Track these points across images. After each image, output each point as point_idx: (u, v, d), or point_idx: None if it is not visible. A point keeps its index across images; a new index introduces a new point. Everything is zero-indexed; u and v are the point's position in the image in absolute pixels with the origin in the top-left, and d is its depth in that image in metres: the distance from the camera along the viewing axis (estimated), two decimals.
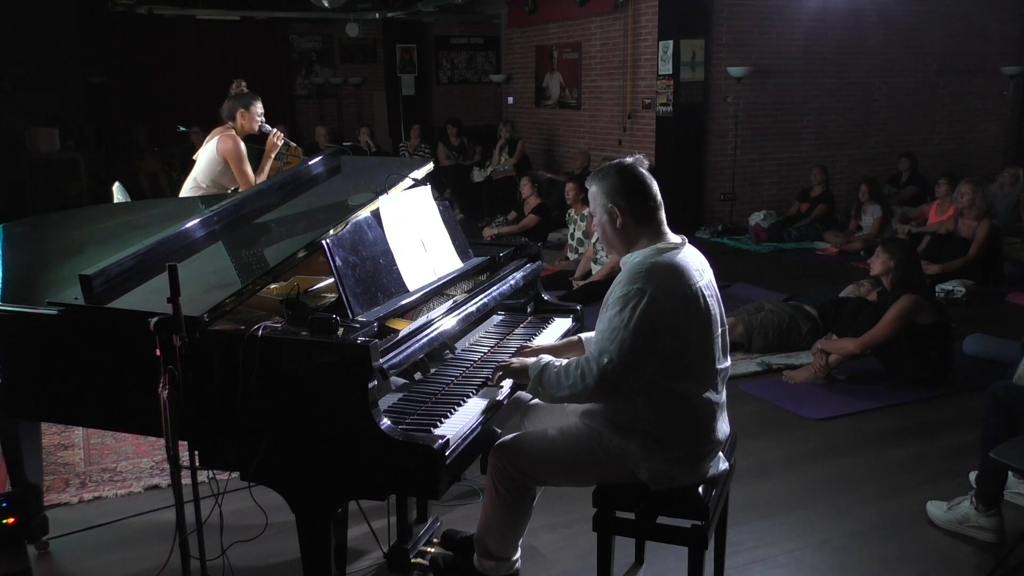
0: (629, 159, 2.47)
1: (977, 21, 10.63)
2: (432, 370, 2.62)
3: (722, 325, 2.44)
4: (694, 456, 2.41)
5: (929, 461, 3.86)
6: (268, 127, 4.72)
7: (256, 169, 4.71)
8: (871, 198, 8.65)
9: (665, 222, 2.44)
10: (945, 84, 10.72)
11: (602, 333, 2.32)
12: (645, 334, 2.24)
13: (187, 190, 4.71)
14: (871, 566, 3.03)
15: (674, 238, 2.44)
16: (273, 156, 4.76)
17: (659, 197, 2.44)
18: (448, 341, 2.68)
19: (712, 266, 2.56)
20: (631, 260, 2.38)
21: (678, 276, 2.31)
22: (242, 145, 4.62)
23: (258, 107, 4.67)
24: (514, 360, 2.54)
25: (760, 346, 5.34)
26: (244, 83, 5.05)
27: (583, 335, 2.77)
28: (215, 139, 4.64)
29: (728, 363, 2.48)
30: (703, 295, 2.34)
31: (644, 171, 2.45)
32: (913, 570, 3.02)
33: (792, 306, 5.59)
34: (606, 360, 2.26)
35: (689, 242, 2.47)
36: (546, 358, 2.46)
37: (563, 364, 2.39)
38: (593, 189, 2.47)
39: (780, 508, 3.42)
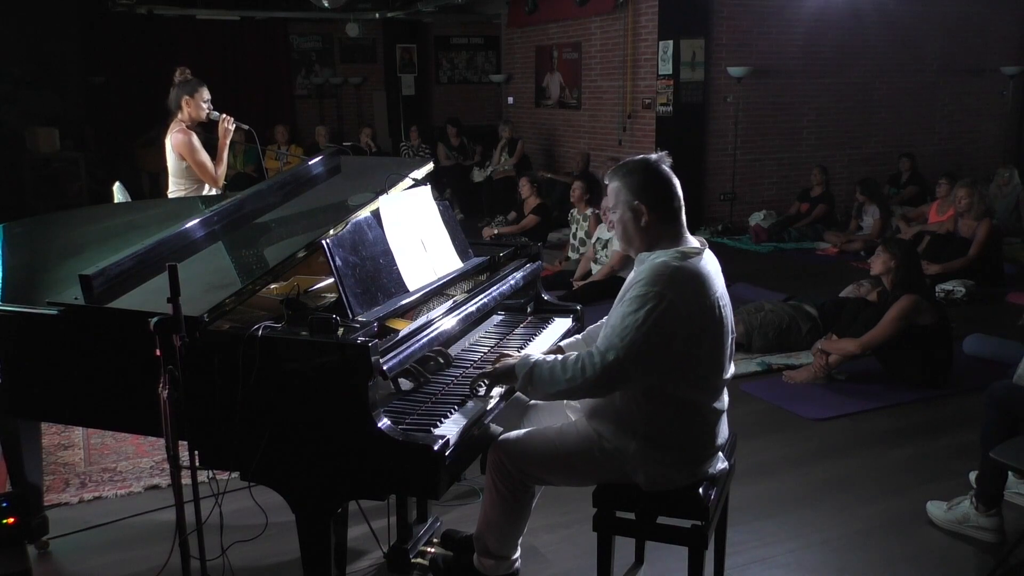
0: (654, 156, 2.40)
1: (977, 21, 10.63)
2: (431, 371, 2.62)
3: (732, 333, 2.40)
4: (692, 460, 2.40)
5: (929, 461, 3.86)
6: (216, 113, 4.58)
7: (215, 159, 4.62)
8: (868, 199, 8.66)
9: (685, 223, 2.39)
10: (945, 84, 10.72)
11: (612, 328, 2.26)
12: (658, 338, 2.20)
13: (170, 193, 4.69)
14: (871, 566, 3.03)
15: (695, 242, 2.37)
16: (228, 142, 4.62)
17: (681, 197, 2.38)
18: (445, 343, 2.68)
19: None
20: (652, 259, 2.30)
21: (700, 285, 2.26)
22: (193, 137, 4.53)
23: (204, 94, 4.55)
24: (498, 366, 2.45)
25: (760, 346, 5.35)
26: (188, 71, 4.97)
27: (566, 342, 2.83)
28: (168, 136, 4.56)
29: (732, 369, 2.45)
30: (719, 305, 2.30)
31: (669, 169, 2.38)
32: (913, 570, 3.02)
33: (792, 306, 5.59)
34: (612, 357, 2.21)
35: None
36: (534, 355, 2.40)
37: (557, 359, 2.33)
38: (615, 184, 2.38)
39: (780, 508, 3.42)
